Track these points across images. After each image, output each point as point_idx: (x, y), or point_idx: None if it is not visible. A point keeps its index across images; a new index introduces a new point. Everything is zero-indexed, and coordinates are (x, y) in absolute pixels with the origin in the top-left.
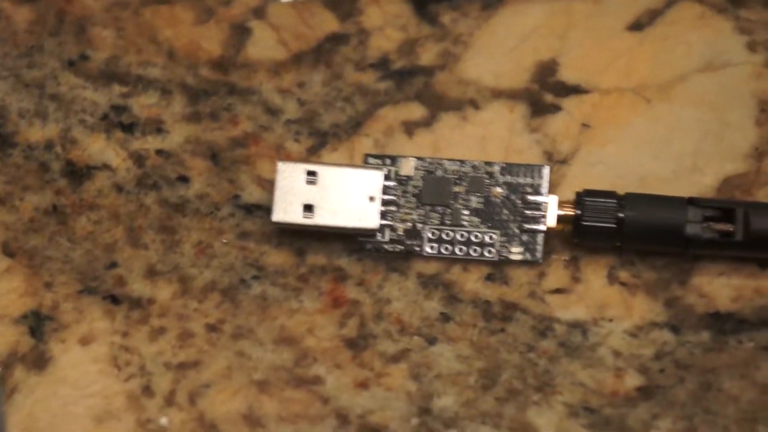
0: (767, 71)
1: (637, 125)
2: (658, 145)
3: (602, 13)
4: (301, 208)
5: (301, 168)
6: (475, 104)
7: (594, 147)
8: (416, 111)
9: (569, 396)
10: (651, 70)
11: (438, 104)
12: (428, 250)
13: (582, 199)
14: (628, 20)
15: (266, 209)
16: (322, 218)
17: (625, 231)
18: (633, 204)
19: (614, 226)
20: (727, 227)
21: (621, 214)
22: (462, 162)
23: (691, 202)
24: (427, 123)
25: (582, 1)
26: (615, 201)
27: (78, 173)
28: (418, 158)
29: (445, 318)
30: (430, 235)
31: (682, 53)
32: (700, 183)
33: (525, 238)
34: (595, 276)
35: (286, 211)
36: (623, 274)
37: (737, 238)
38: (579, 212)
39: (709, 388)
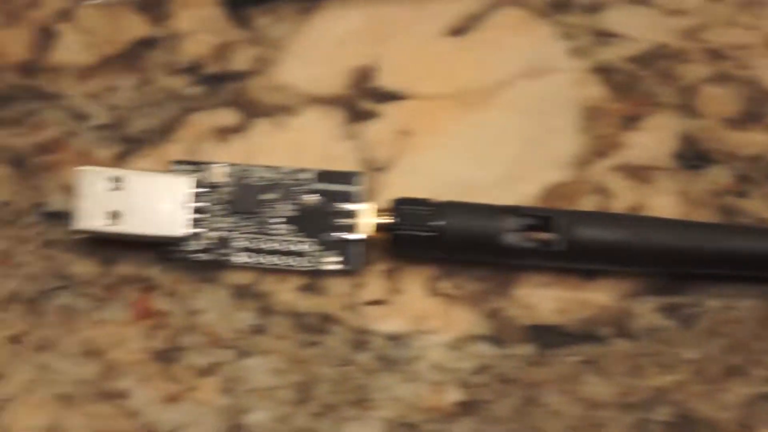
0: (590, 78)
1: (458, 132)
2: (479, 153)
3: (422, 19)
4: (105, 216)
5: (105, 173)
6: (290, 110)
7: (413, 155)
8: (229, 117)
9: (387, 411)
10: (472, 76)
11: (252, 110)
12: (240, 259)
13: (398, 207)
14: (449, 25)
15: (71, 217)
16: (128, 226)
17: (442, 240)
18: (451, 212)
19: (432, 234)
20: (547, 236)
21: (438, 223)
22: (275, 169)
23: (510, 210)
24: (240, 129)
25: (401, 6)
26: (432, 208)
27: None
28: (229, 165)
29: (259, 330)
30: (242, 244)
31: (504, 59)
32: (522, 191)
33: (341, 247)
34: (414, 287)
35: (90, 218)
36: (444, 285)
37: (559, 248)
38: (396, 220)
39: (532, 403)
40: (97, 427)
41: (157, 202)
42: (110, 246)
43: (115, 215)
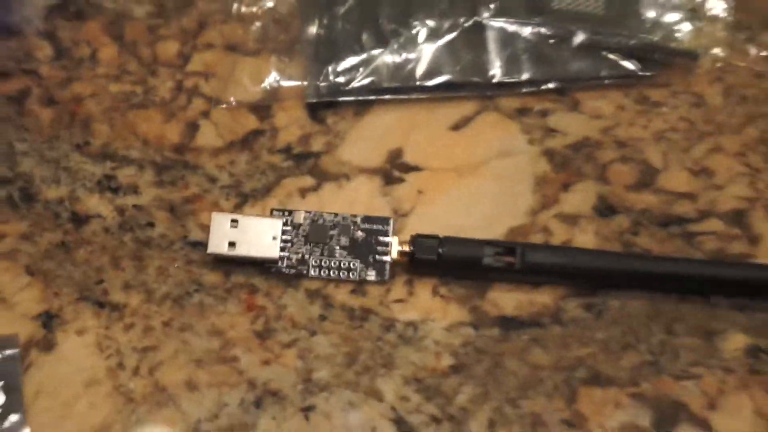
0: (541, 158)
1: (455, 192)
2: (468, 206)
3: (434, 119)
4: (227, 244)
5: (228, 217)
6: (347, 177)
7: (426, 206)
8: (308, 181)
9: (404, 371)
10: (465, 156)
11: (323, 177)
12: (312, 273)
13: (415, 240)
14: (451, 123)
15: (205, 245)
16: (241, 251)
17: (442, 262)
18: (448, 244)
19: (435, 258)
20: (510, 260)
21: (440, 251)
22: (336, 214)
23: (487, 243)
24: (315, 189)
25: (420, 110)
26: (437, 241)
27: (79, 220)
28: (307, 211)
29: (323, 318)
30: (313, 263)
31: (486, 145)
32: (496, 231)
33: (377, 265)
34: (423, 291)
35: (218, 246)
36: (443, 290)
37: (517, 267)
38: (412, 249)
39: (497, 366)
40: (217, 380)
41: (260, 235)
42: (228, 264)
43: (233, 244)
